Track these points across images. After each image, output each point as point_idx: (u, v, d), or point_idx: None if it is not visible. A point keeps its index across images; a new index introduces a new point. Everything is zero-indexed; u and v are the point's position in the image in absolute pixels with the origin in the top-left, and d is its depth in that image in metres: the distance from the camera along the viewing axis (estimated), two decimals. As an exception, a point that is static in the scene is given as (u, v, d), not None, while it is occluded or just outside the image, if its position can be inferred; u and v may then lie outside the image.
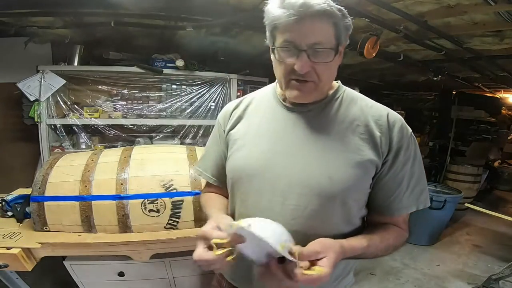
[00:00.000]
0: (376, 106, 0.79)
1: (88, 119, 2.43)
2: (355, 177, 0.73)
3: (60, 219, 1.19)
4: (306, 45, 0.67)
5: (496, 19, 1.86)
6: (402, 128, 0.76)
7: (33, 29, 2.08)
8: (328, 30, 0.68)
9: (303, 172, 0.73)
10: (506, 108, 6.13)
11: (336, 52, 0.71)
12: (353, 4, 1.77)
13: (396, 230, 0.80)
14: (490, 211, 2.78)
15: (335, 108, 0.78)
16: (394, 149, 0.74)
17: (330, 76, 0.76)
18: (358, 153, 0.73)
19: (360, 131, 0.75)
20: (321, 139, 0.75)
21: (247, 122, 0.84)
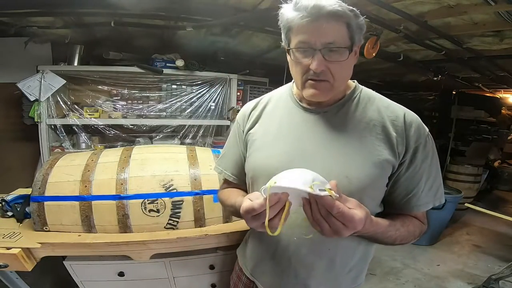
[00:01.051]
0: (392, 106, 0.81)
1: (88, 119, 2.43)
2: (372, 176, 0.74)
3: (60, 219, 1.19)
4: (321, 45, 0.69)
5: (496, 19, 1.86)
6: (419, 128, 0.77)
7: (33, 29, 2.08)
8: (341, 29, 0.69)
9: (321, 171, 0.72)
10: (506, 108, 6.13)
11: (350, 51, 0.72)
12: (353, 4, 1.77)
13: (415, 220, 0.82)
14: (490, 211, 2.78)
15: (353, 108, 0.80)
16: (412, 149, 0.76)
17: (346, 76, 0.77)
18: (374, 153, 0.75)
19: (377, 131, 0.77)
20: (338, 139, 0.77)
21: (266, 123, 0.87)
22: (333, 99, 0.80)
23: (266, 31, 2.11)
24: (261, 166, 0.82)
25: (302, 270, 0.81)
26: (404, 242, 0.81)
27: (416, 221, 0.83)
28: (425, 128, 0.79)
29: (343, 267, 0.83)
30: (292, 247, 0.81)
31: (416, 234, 0.82)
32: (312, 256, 0.80)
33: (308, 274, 0.81)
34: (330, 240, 0.75)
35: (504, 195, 5.53)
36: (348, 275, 0.85)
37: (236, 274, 1.00)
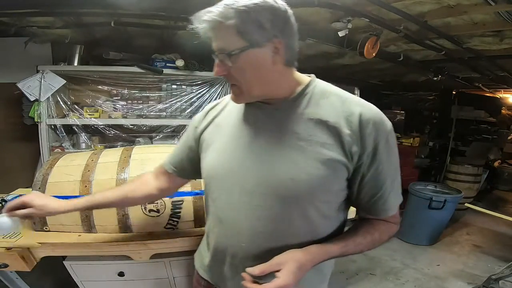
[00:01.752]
0: (348, 101, 0.74)
1: (88, 119, 2.43)
2: (320, 178, 0.70)
3: (60, 219, 1.19)
4: (217, 51, 0.69)
5: (496, 19, 1.86)
6: (377, 125, 0.71)
7: (33, 29, 2.08)
8: (228, 34, 0.66)
9: (267, 172, 0.72)
10: (506, 108, 6.13)
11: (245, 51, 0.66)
12: (353, 4, 1.77)
13: (383, 224, 0.79)
14: (490, 211, 2.78)
15: (304, 105, 0.75)
16: (370, 148, 0.70)
17: (255, 78, 0.71)
18: (324, 152, 0.70)
19: (328, 129, 0.71)
20: (286, 138, 0.73)
21: (222, 123, 0.85)
22: (283, 96, 0.75)
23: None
24: (213, 167, 0.82)
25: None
26: (371, 249, 0.79)
27: (384, 225, 0.79)
28: (385, 124, 0.72)
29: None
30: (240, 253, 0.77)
31: (385, 238, 0.79)
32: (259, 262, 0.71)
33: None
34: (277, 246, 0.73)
35: (504, 195, 5.53)
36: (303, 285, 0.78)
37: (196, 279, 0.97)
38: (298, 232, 0.74)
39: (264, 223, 0.73)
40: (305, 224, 0.74)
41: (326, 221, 0.77)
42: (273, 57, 0.69)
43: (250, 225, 0.74)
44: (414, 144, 4.52)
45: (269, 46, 0.68)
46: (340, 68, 3.67)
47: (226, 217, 0.79)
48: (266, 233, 0.73)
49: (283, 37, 0.68)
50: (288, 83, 0.75)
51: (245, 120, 0.79)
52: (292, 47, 0.71)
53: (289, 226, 0.73)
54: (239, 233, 0.76)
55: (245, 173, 0.75)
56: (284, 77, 0.74)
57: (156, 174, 1.00)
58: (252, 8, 0.64)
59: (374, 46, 2.20)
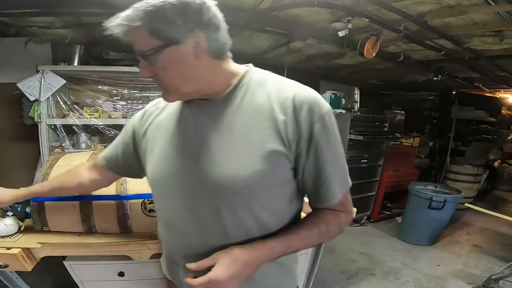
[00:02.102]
0: (283, 87, 0.70)
1: (88, 119, 2.43)
2: (260, 173, 0.67)
3: (60, 219, 1.19)
4: (137, 53, 0.68)
5: (496, 19, 1.86)
6: (312, 107, 0.67)
7: (33, 29, 2.08)
8: (139, 36, 0.65)
9: (206, 172, 0.69)
10: (506, 108, 6.14)
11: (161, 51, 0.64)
12: (353, 4, 1.77)
13: (330, 215, 0.75)
14: (490, 211, 2.78)
15: (239, 97, 0.71)
16: (307, 132, 0.67)
17: (177, 77, 0.68)
18: (262, 145, 0.67)
19: (265, 119, 0.68)
20: (223, 135, 0.70)
21: (162, 124, 0.81)
22: (216, 91, 0.72)
23: (266, 31, 2.11)
24: (155, 171, 0.79)
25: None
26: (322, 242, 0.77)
27: (331, 215, 0.75)
28: (321, 107, 0.68)
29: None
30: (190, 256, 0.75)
31: (334, 230, 0.75)
32: None
33: None
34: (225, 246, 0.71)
35: (504, 195, 5.53)
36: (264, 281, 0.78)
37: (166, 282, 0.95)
38: (247, 230, 0.71)
39: (210, 225, 0.71)
40: (253, 221, 0.71)
41: (276, 216, 0.74)
42: (194, 52, 0.65)
43: (197, 228, 0.72)
44: (414, 144, 4.52)
45: (188, 41, 0.64)
46: (340, 68, 3.67)
47: (173, 222, 0.78)
48: (215, 234, 0.71)
49: (202, 30, 0.64)
50: (221, 76, 0.72)
51: (184, 120, 0.76)
52: (217, 39, 0.67)
53: (237, 225, 0.70)
54: (188, 237, 0.74)
55: (186, 175, 0.72)
56: (215, 70, 0.70)
57: (90, 166, 1.02)
58: (159, 6, 0.61)
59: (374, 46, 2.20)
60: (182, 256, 0.78)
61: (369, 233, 3.61)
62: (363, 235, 3.54)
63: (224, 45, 0.70)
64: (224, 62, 0.72)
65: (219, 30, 0.68)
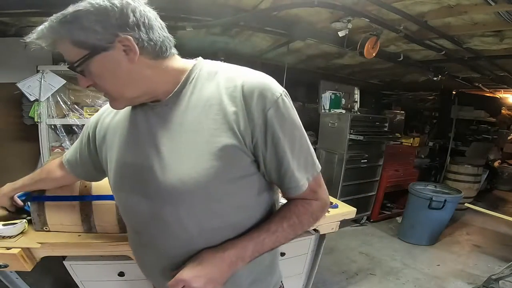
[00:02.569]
0: (232, 75, 0.66)
1: (88, 119, 2.42)
2: (211, 172, 0.62)
3: (60, 219, 1.19)
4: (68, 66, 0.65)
5: (496, 19, 1.86)
6: (262, 94, 0.62)
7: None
8: (64, 47, 0.62)
9: (159, 176, 0.66)
10: (506, 108, 6.14)
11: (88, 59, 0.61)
12: (353, 4, 1.77)
13: (300, 205, 0.71)
14: (490, 211, 2.78)
15: (189, 93, 0.68)
16: (260, 120, 0.62)
17: (116, 83, 0.65)
18: (213, 141, 0.63)
19: (214, 112, 0.64)
20: (174, 135, 0.67)
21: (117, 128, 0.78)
22: (166, 90, 0.69)
23: (266, 31, 2.11)
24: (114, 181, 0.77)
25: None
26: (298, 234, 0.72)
27: (301, 206, 0.71)
28: (274, 90, 0.64)
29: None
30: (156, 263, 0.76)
31: (306, 220, 0.71)
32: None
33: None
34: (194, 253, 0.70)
35: (504, 195, 5.53)
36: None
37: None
38: (216, 231, 0.68)
39: (174, 229, 0.68)
40: (217, 221, 0.67)
41: (245, 212, 0.70)
42: (126, 55, 0.62)
43: (161, 234, 0.69)
44: (414, 144, 4.52)
45: (115, 46, 0.61)
46: (340, 68, 3.67)
47: (139, 228, 0.76)
48: (180, 239, 0.68)
49: (129, 33, 0.61)
50: (166, 75, 0.68)
51: (138, 122, 0.73)
52: (151, 39, 0.64)
53: (199, 228, 0.67)
54: (154, 244, 0.71)
55: (143, 180, 0.69)
56: (157, 70, 0.67)
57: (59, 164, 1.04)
58: (74, 15, 0.58)
59: (374, 46, 2.20)
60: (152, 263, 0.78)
61: (369, 233, 3.60)
62: (363, 235, 3.54)
63: (162, 43, 0.66)
64: (167, 61, 0.68)
65: (152, 29, 0.64)
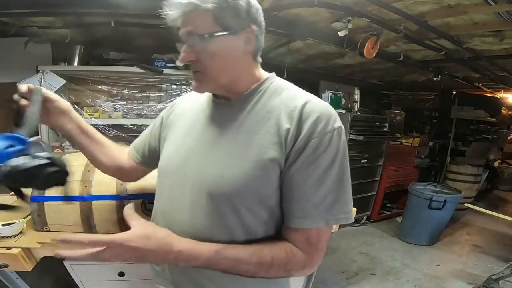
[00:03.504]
0: (297, 96, 0.69)
1: (88, 119, 2.42)
2: (249, 178, 0.65)
3: (60, 219, 1.19)
4: (184, 35, 0.67)
5: (496, 19, 1.86)
6: (318, 120, 0.64)
7: (33, 29, 2.09)
8: (202, 18, 0.65)
9: (204, 168, 0.70)
10: (506, 108, 6.14)
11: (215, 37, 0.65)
12: (353, 4, 1.77)
13: (285, 247, 0.66)
14: (490, 211, 2.78)
15: (255, 101, 0.72)
16: (301, 142, 0.63)
17: (222, 66, 0.68)
18: (260, 151, 0.66)
19: (270, 125, 0.67)
20: (229, 135, 0.71)
21: (180, 119, 0.84)
22: (240, 91, 0.73)
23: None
24: (165, 162, 0.81)
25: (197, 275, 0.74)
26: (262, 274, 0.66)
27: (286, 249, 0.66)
28: (330, 122, 0.65)
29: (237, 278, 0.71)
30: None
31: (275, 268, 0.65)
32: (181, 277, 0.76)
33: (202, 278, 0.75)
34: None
35: (504, 195, 5.53)
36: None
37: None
38: (233, 231, 0.69)
39: (197, 220, 0.71)
40: (238, 224, 0.68)
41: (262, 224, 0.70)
42: (244, 46, 0.68)
43: (189, 221, 0.72)
44: (414, 144, 4.53)
45: (243, 34, 0.67)
46: (340, 68, 3.67)
47: (169, 210, 0.78)
48: (200, 230, 0.70)
49: (255, 27, 0.68)
50: (249, 78, 0.73)
51: (202, 116, 0.78)
52: (260, 41, 0.71)
53: (218, 226, 0.69)
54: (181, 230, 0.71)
55: (188, 169, 0.73)
56: (248, 70, 0.73)
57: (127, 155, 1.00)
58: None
59: (374, 46, 2.20)
60: None
61: (369, 233, 3.61)
62: (363, 235, 3.55)
63: (260, 49, 0.73)
64: (255, 65, 0.74)
65: (262, 34, 0.72)
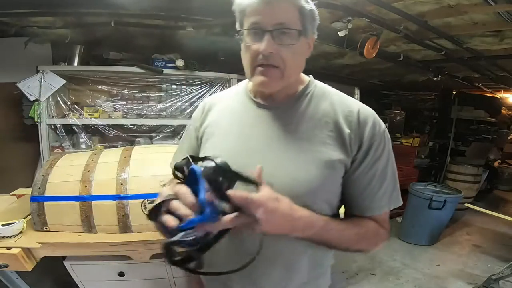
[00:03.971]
0: (347, 101, 0.76)
1: (88, 119, 2.42)
2: (321, 178, 0.70)
3: (60, 219, 1.19)
4: (271, 26, 0.66)
5: (496, 19, 1.86)
6: (374, 124, 0.73)
7: (33, 29, 2.08)
8: (292, 12, 0.67)
9: (270, 171, 0.69)
10: (506, 108, 6.14)
11: (303, 36, 0.69)
12: (353, 4, 1.77)
13: (372, 224, 0.76)
14: (490, 211, 2.78)
15: (305, 104, 0.76)
16: (365, 146, 0.72)
17: (297, 64, 0.73)
18: (325, 152, 0.71)
19: (329, 128, 0.72)
20: (288, 137, 0.73)
21: (220, 118, 0.83)
22: (286, 94, 0.76)
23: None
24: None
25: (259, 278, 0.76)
26: (357, 247, 0.76)
27: (373, 224, 0.76)
28: (381, 125, 0.75)
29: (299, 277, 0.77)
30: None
31: (371, 238, 0.76)
32: (265, 262, 0.73)
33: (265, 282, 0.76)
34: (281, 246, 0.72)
35: (504, 195, 5.52)
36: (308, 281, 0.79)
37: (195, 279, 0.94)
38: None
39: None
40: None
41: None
42: (307, 50, 0.74)
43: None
44: (414, 144, 4.52)
45: (309, 39, 0.72)
46: (340, 68, 3.67)
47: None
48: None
49: (315, 36, 0.74)
50: (299, 80, 0.78)
51: (244, 117, 0.79)
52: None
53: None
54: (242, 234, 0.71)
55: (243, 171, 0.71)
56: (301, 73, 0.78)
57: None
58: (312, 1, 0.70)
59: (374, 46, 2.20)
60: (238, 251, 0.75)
61: (369, 233, 3.60)
62: (363, 235, 3.54)
63: None
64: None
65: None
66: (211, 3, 1.75)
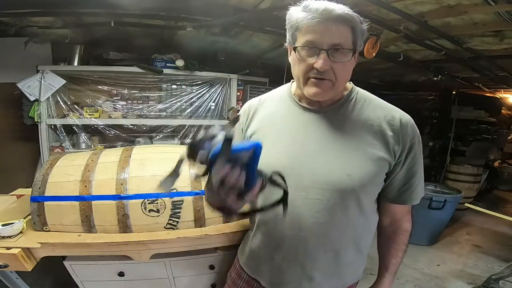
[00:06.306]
0: (388, 107, 0.87)
1: (88, 119, 2.43)
2: (371, 173, 0.80)
3: (60, 219, 1.19)
4: (327, 45, 0.73)
5: (496, 19, 1.86)
6: (413, 128, 0.84)
7: (33, 29, 2.09)
8: (347, 33, 0.74)
9: (324, 169, 0.81)
10: (506, 108, 6.13)
11: (351, 52, 0.76)
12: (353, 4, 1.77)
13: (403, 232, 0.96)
14: (490, 211, 2.78)
15: (350, 108, 0.85)
16: (407, 146, 0.82)
17: (346, 77, 0.82)
18: (372, 151, 0.80)
19: (374, 131, 0.82)
20: (338, 139, 0.82)
21: (266, 122, 0.90)
22: (332, 99, 0.85)
23: (266, 31, 2.11)
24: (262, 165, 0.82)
25: (308, 263, 0.86)
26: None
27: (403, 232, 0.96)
28: (416, 128, 0.86)
29: (345, 260, 0.88)
30: (299, 242, 0.85)
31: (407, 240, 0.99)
32: (317, 249, 0.85)
33: (313, 266, 0.86)
34: (334, 234, 0.84)
35: (504, 195, 5.52)
36: (349, 268, 0.92)
37: (236, 272, 1.02)
38: (354, 221, 0.84)
39: (323, 214, 0.81)
40: (359, 213, 0.84)
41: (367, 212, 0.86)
42: (354, 62, 0.81)
43: (310, 217, 0.82)
44: (414, 144, 4.52)
45: (355, 55, 0.79)
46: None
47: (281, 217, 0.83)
48: (324, 222, 0.82)
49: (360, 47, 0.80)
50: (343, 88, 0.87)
51: (291, 121, 0.86)
52: None
53: (346, 216, 0.83)
54: (298, 224, 0.83)
55: (300, 170, 0.81)
56: None
57: None
58: (360, 18, 0.76)
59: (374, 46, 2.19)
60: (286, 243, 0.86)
61: (369, 233, 3.60)
62: (363, 235, 3.54)
63: None
64: None
65: None
66: (211, 3, 1.76)
